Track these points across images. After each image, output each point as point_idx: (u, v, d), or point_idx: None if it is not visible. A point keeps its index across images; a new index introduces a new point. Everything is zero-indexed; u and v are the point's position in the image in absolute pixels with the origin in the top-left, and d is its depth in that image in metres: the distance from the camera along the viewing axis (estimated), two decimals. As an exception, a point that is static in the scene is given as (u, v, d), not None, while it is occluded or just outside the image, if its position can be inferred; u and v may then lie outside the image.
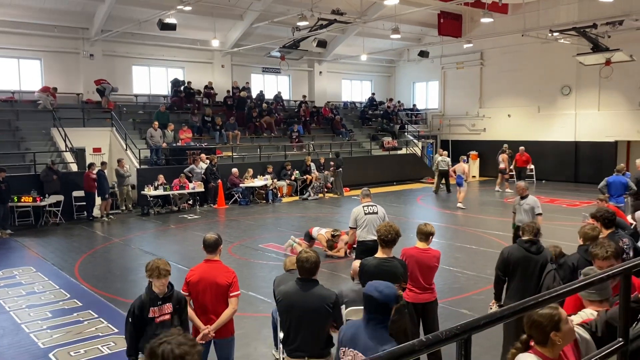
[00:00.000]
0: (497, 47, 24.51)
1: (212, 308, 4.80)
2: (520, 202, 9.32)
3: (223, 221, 15.81)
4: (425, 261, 5.66)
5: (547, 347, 2.91)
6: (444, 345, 1.81)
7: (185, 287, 4.88)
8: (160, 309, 4.45)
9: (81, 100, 20.49)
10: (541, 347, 2.93)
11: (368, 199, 8.27)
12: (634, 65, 19.87)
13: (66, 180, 15.69)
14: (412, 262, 5.63)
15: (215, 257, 4.96)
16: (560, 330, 2.89)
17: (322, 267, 4.68)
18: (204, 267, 4.93)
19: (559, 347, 2.93)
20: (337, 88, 29.07)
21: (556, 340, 2.89)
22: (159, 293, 4.45)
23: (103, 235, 13.79)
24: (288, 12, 20.07)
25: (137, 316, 4.41)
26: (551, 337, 2.88)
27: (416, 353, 1.60)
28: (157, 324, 4.37)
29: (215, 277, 4.81)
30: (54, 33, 19.81)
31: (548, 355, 2.90)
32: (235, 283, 4.84)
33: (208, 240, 4.94)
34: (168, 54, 22.73)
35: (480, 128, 26.95)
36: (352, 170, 22.29)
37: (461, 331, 1.77)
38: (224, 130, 21.28)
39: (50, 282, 9.34)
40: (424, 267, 5.65)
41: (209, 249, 4.93)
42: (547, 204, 17.80)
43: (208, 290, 4.78)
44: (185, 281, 4.92)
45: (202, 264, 4.98)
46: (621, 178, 11.48)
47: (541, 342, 2.92)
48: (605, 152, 22.31)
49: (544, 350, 2.91)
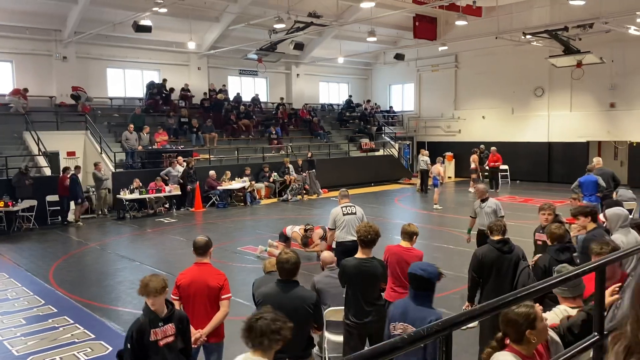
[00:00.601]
0: (472, 50, 24.84)
1: (203, 311, 4.76)
2: (481, 206, 8.81)
3: (200, 224, 15.70)
4: (408, 260, 5.71)
5: (522, 345, 2.96)
6: (426, 341, 1.84)
7: (175, 290, 4.81)
8: (163, 330, 4.06)
9: (54, 103, 20.13)
10: (517, 345, 2.98)
11: (346, 199, 8.30)
12: (604, 67, 20.35)
13: (39, 185, 15.38)
14: (394, 259, 5.67)
15: (206, 260, 4.91)
16: (536, 328, 2.95)
17: (302, 268, 4.68)
18: (194, 271, 4.88)
19: (533, 345, 2.99)
20: (314, 90, 29.11)
21: (531, 338, 2.94)
22: (159, 313, 4.08)
23: (78, 240, 13.57)
24: (265, 14, 20.04)
25: (136, 341, 3.96)
26: (526, 335, 2.94)
27: (398, 350, 1.63)
28: (161, 347, 4.02)
29: (207, 280, 4.78)
30: (26, 35, 19.43)
31: (523, 352, 2.95)
32: (227, 285, 4.84)
33: (198, 242, 4.91)
34: (143, 56, 22.48)
35: (455, 129, 27.27)
36: (330, 172, 22.35)
37: (442, 328, 1.80)
38: (201, 132, 21.13)
39: (24, 288, 9.15)
40: (406, 265, 5.70)
41: (199, 252, 4.90)
42: (521, 203, 18.11)
43: (199, 294, 4.74)
44: (175, 285, 4.84)
45: (192, 267, 4.93)
46: (592, 177, 11.73)
47: (516, 340, 2.97)
48: (577, 152, 22.77)
49: (520, 348, 2.96)
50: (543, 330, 3.04)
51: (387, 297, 5.66)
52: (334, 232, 7.92)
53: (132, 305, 8.30)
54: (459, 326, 1.81)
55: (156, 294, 4.03)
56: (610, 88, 21.84)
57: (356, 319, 5.13)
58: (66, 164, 17.02)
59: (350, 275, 5.16)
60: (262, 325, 2.97)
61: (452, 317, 1.81)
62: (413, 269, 3.93)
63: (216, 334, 4.83)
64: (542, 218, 6.77)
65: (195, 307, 4.74)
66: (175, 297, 4.77)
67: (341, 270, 5.28)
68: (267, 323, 2.98)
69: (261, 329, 2.96)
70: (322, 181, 21.58)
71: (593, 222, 6.02)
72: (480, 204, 8.85)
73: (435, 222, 14.86)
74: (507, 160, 23.95)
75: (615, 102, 21.88)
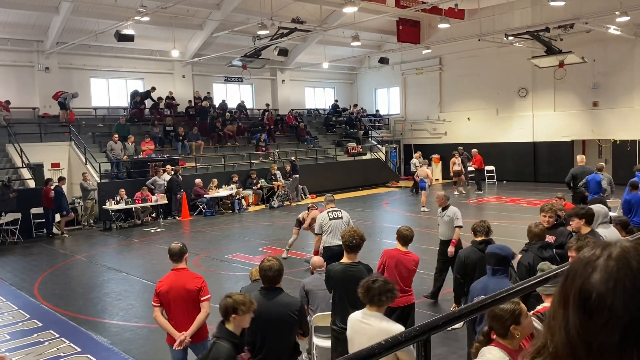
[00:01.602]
0: (455, 52, 25.01)
1: (185, 315, 4.88)
2: (440, 214, 8.35)
3: (188, 233, 15.59)
4: (405, 263, 5.71)
5: (507, 339, 3.04)
6: (404, 346, 1.82)
7: (155, 298, 4.94)
8: (245, 353, 3.82)
9: (37, 114, 19.94)
10: (502, 339, 3.05)
11: (332, 204, 8.31)
12: (585, 67, 20.57)
13: (24, 197, 15.20)
14: (392, 263, 5.68)
15: (182, 265, 5.03)
16: (520, 324, 3.03)
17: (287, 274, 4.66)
18: (172, 277, 5.01)
19: (518, 340, 3.07)
20: (300, 96, 29.12)
21: (515, 334, 3.03)
22: (238, 334, 3.72)
23: (64, 253, 13.40)
24: (248, 21, 20.02)
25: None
26: (511, 330, 3.03)
27: (375, 356, 1.60)
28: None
29: (185, 284, 4.90)
30: (7, 46, 19.25)
31: (509, 347, 3.03)
32: (205, 287, 4.95)
33: (173, 249, 5.03)
34: (127, 65, 22.35)
35: (441, 132, 27.40)
36: (317, 177, 22.34)
37: (420, 332, 1.78)
38: (187, 140, 21.03)
39: (9, 302, 9.01)
40: (403, 269, 5.69)
41: (175, 258, 5.01)
42: (508, 204, 18.21)
43: (179, 298, 4.87)
44: (155, 292, 4.97)
45: (169, 273, 5.05)
46: (598, 177, 11.69)
47: (502, 335, 3.05)
48: (562, 151, 22.97)
49: (505, 342, 3.04)
50: (527, 326, 3.14)
51: None
52: (321, 237, 7.91)
53: (119, 317, 8.22)
54: (437, 330, 1.79)
55: (248, 311, 3.69)
56: (593, 87, 22.07)
57: (343, 324, 5.09)
58: (50, 175, 16.85)
59: (336, 280, 5.14)
60: (380, 286, 3.70)
61: (430, 320, 1.79)
62: (492, 249, 4.75)
63: (200, 335, 4.96)
64: (544, 220, 6.19)
65: (177, 311, 4.87)
66: (156, 304, 4.91)
67: (327, 275, 5.26)
68: (382, 284, 3.74)
69: (379, 288, 3.69)
70: (309, 186, 21.55)
71: (587, 226, 5.72)
72: (440, 212, 8.39)
73: (422, 225, 14.87)
74: (493, 161, 24.11)
75: (598, 100, 22.12)
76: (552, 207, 6.38)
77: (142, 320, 7.98)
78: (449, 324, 1.91)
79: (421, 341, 1.81)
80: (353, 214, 8.42)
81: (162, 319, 4.91)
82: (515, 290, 2.47)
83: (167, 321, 4.90)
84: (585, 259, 0.95)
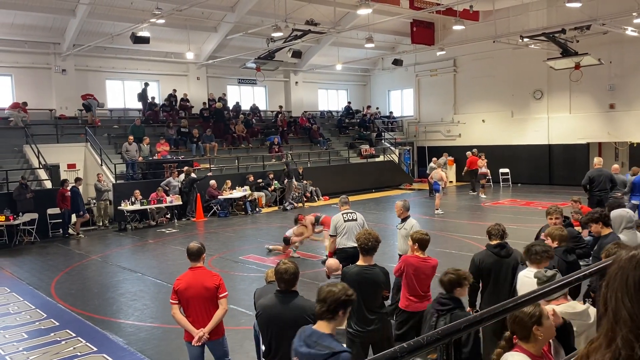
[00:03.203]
0: (470, 54, 24.88)
1: (203, 312, 4.96)
2: (398, 225, 7.64)
3: (202, 234, 15.67)
4: (425, 270, 5.64)
5: (530, 342, 2.99)
6: (426, 350, 1.81)
7: (174, 295, 5.02)
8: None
9: (54, 116, 20.18)
10: (524, 342, 3.01)
11: (347, 206, 8.30)
12: (602, 69, 20.36)
13: (40, 198, 15.37)
14: (411, 270, 5.60)
15: (199, 264, 5.10)
16: (542, 325, 2.99)
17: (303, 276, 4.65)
18: (190, 275, 5.07)
19: (541, 342, 3.02)
20: (313, 97, 29.15)
21: (538, 335, 2.98)
22: None
23: (79, 253, 13.53)
24: (262, 23, 20.11)
25: None
26: (533, 332, 2.98)
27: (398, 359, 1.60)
28: None
29: (203, 281, 4.98)
30: (25, 49, 19.52)
31: (532, 351, 2.98)
32: (222, 285, 5.04)
33: (191, 249, 5.10)
34: (142, 67, 22.55)
35: (455, 134, 27.27)
36: (330, 179, 22.34)
37: (442, 336, 1.78)
38: (201, 142, 21.15)
39: (26, 302, 9.12)
40: (421, 275, 5.63)
41: (193, 257, 5.09)
42: (523, 207, 18.07)
43: (197, 296, 4.94)
44: (173, 290, 5.05)
45: (187, 272, 5.12)
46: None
47: (524, 338, 3.00)
48: (578, 154, 22.75)
49: (528, 346, 2.99)
50: (550, 328, 3.09)
51: (402, 307, 5.62)
52: (335, 239, 7.90)
53: (135, 317, 8.28)
54: (459, 334, 1.79)
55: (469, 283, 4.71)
56: (609, 89, 21.84)
57: (359, 327, 5.09)
58: (66, 176, 17.03)
59: (352, 283, 5.11)
60: (537, 248, 4.57)
61: (452, 324, 1.79)
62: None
63: (217, 331, 5.04)
64: (550, 222, 6.34)
65: (195, 308, 4.95)
66: (174, 301, 5.00)
67: (342, 278, 5.24)
68: (539, 247, 4.58)
69: (536, 249, 4.56)
70: (322, 188, 21.56)
71: (606, 227, 5.76)
72: (398, 224, 7.71)
73: (437, 228, 14.81)
74: (508, 164, 23.97)
75: (615, 103, 21.87)
76: (557, 209, 6.37)
77: (157, 320, 8.03)
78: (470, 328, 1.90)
79: (443, 344, 1.80)
80: (366, 216, 8.40)
81: (180, 316, 4.99)
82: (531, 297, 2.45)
83: (185, 318, 4.97)
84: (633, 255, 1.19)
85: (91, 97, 20.16)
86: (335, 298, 3.35)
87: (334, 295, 3.36)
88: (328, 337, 3.25)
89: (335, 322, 3.36)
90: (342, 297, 3.36)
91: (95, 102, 20.20)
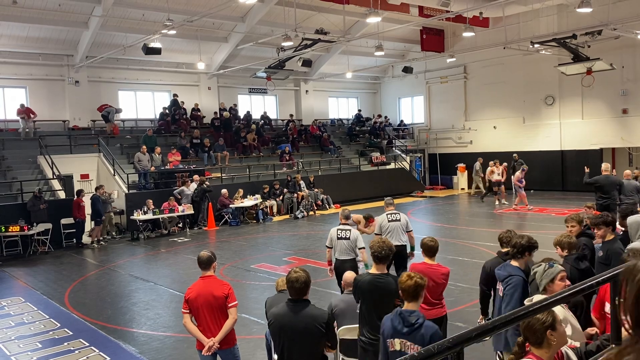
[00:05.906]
0: (480, 61, 24.83)
1: (213, 321, 4.97)
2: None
3: (214, 243, 15.72)
4: (434, 278, 5.60)
5: (543, 347, 2.97)
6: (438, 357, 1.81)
7: (185, 305, 5.05)
8: None
9: (67, 127, 20.42)
10: (537, 348, 2.98)
11: (392, 207, 8.75)
12: (614, 74, 20.21)
13: (54, 208, 15.53)
14: None
15: (210, 273, 5.12)
16: (556, 330, 2.96)
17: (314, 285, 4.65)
18: (200, 284, 5.09)
19: (554, 348, 2.99)
20: (323, 106, 29.23)
21: (552, 340, 2.96)
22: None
23: (93, 262, 13.64)
24: (272, 33, 20.24)
25: None
26: (547, 337, 2.95)
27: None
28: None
29: (212, 291, 4.99)
30: (39, 61, 19.80)
31: (545, 358, 2.96)
32: (232, 294, 5.04)
33: (202, 257, 5.13)
34: (154, 78, 22.77)
35: (466, 140, 27.17)
36: (341, 187, 22.34)
37: (453, 344, 1.77)
38: (212, 151, 21.27)
39: (40, 311, 9.19)
40: (433, 284, 5.59)
41: (204, 266, 5.12)
42: (536, 213, 17.92)
43: (207, 305, 4.95)
44: (184, 299, 5.08)
45: (198, 281, 5.14)
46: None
47: (537, 343, 2.97)
48: (591, 159, 22.49)
49: (541, 352, 2.97)
50: (563, 333, 3.06)
51: None
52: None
53: (147, 326, 8.31)
54: (470, 342, 1.78)
55: None
56: (622, 94, 21.66)
57: (371, 335, 5.06)
58: (80, 186, 17.18)
59: (364, 291, 5.10)
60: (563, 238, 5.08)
61: (463, 332, 1.78)
62: None
63: (228, 341, 5.03)
64: (567, 230, 6.25)
65: (205, 317, 4.97)
66: (185, 310, 5.02)
67: (355, 286, 5.23)
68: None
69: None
70: (333, 196, 21.58)
71: (612, 232, 5.87)
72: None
73: (448, 235, 14.75)
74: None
75: (628, 107, 21.69)
76: (575, 217, 6.29)
77: (169, 329, 8.06)
78: (482, 336, 1.89)
79: (454, 353, 1.79)
80: (378, 224, 8.47)
81: (191, 325, 5.01)
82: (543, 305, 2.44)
83: (196, 327, 4.99)
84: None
85: (107, 106, 20.42)
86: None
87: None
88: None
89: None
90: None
91: (112, 109, 20.46)
